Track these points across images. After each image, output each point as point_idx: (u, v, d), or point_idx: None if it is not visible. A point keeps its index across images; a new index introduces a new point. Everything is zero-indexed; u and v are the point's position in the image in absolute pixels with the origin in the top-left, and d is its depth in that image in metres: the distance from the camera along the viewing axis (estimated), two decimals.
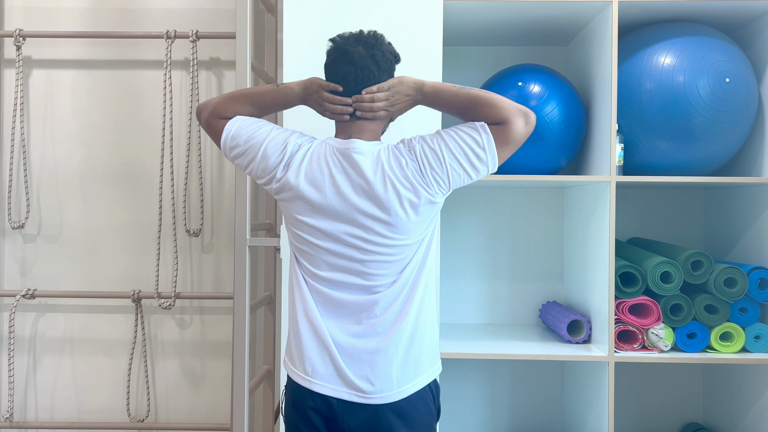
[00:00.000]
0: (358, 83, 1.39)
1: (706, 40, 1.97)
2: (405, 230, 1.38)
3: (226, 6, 2.44)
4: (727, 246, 2.23)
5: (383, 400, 1.37)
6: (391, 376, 1.37)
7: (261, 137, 1.41)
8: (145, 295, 2.38)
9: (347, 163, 1.38)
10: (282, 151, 1.40)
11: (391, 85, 1.41)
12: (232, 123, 1.44)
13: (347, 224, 1.38)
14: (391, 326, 1.39)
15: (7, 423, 2.40)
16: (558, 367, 2.40)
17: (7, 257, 2.48)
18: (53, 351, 2.48)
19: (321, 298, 1.41)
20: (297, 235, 1.42)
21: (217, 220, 2.47)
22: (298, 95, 1.45)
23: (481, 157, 1.38)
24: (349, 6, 1.86)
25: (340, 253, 1.39)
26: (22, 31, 2.36)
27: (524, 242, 2.40)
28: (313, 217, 1.39)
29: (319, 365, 1.39)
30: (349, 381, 1.37)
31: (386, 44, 1.42)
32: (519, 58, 2.38)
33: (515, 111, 1.38)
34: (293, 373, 1.43)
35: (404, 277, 1.40)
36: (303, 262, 1.43)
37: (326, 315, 1.40)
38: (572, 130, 2.04)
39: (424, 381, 1.42)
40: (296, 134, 1.44)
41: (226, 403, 2.47)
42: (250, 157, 1.42)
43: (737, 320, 1.96)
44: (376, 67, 1.39)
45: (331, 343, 1.39)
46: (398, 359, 1.38)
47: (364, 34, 1.41)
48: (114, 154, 2.46)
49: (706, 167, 2.05)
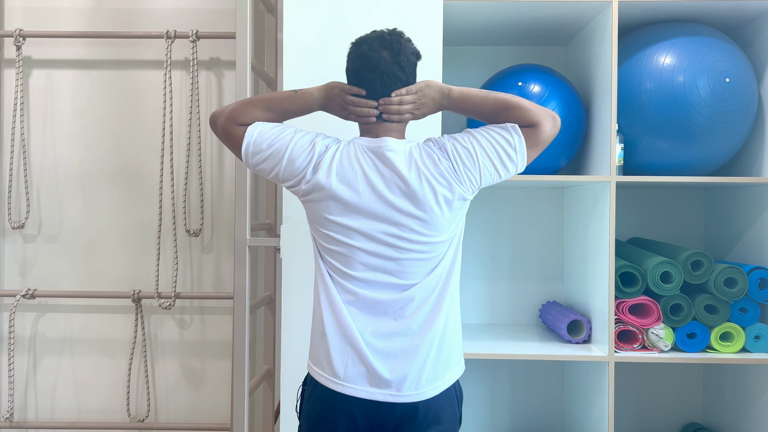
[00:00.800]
0: (385, 88, 1.40)
1: (706, 40, 1.97)
2: (439, 227, 1.39)
3: (226, 6, 2.44)
4: (727, 246, 2.23)
5: (417, 398, 1.36)
6: (424, 374, 1.37)
7: (285, 141, 1.40)
8: (145, 295, 2.38)
9: (380, 161, 1.38)
10: (310, 153, 1.39)
11: (418, 88, 1.42)
12: (252, 128, 1.41)
13: (382, 222, 1.38)
14: (424, 324, 1.39)
15: (7, 423, 2.41)
16: (558, 367, 2.40)
17: (7, 257, 2.48)
18: (53, 351, 2.48)
19: (352, 297, 1.40)
20: (326, 235, 1.41)
21: (217, 220, 2.47)
22: (318, 101, 1.45)
23: (512, 157, 1.40)
24: (350, 6, 1.86)
25: (374, 251, 1.38)
26: (22, 31, 2.36)
27: (524, 242, 2.40)
28: (346, 217, 1.38)
29: (350, 367, 1.37)
30: (383, 380, 1.36)
31: (409, 45, 1.42)
32: (519, 58, 2.38)
33: (544, 114, 1.42)
34: (319, 376, 1.40)
35: (437, 274, 1.40)
36: (333, 262, 1.42)
37: (357, 315, 1.39)
38: (572, 130, 2.04)
39: (452, 378, 1.43)
40: (321, 135, 1.43)
41: (226, 403, 2.47)
42: (275, 161, 1.40)
43: (737, 320, 1.96)
44: (402, 72, 1.40)
45: (362, 343, 1.37)
46: (432, 356, 1.38)
47: (387, 37, 1.40)
48: (114, 154, 2.46)
49: (706, 167, 2.05)
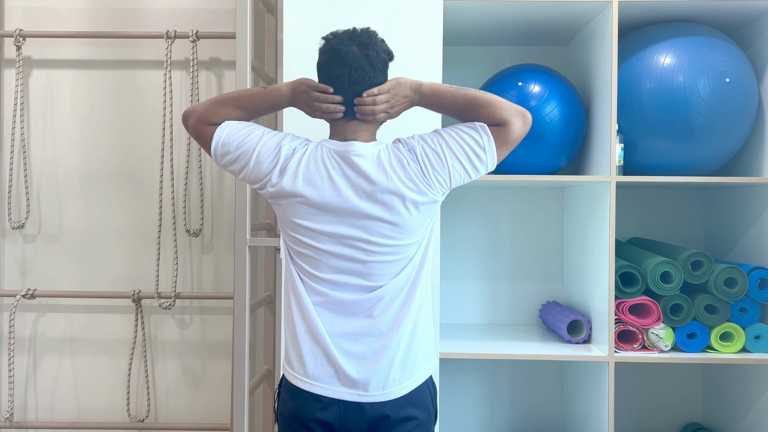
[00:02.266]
0: (353, 84, 1.37)
1: (706, 40, 1.97)
2: (408, 230, 1.38)
3: (226, 6, 2.44)
4: (727, 246, 2.23)
5: (385, 397, 1.37)
6: (392, 374, 1.37)
7: (253, 142, 1.39)
8: (145, 295, 2.38)
9: (347, 166, 1.37)
10: (276, 156, 1.38)
11: (390, 87, 1.40)
12: (221, 129, 1.41)
13: (350, 226, 1.37)
14: (392, 324, 1.39)
15: (7, 423, 2.41)
16: (558, 367, 2.40)
17: (7, 257, 2.48)
18: (53, 351, 2.48)
19: (320, 299, 1.40)
20: (295, 238, 1.41)
21: (217, 220, 2.47)
22: (286, 97, 1.43)
23: (482, 157, 1.39)
24: (349, 6, 1.86)
25: (342, 254, 1.38)
26: (22, 31, 2.36)
27: (524, 242, 2.40)
28: (312, 221, 1.38)
29: (318, 367, 1.38)
30: (351, 381, 1.37)
31: (380, 42, 1.41)
32: (519, 58, 2.38)
33: (514, 112, 1.39)
34: (291, 375, 1.42)
35: (405, 275, 1.40)
36: (301, 264, 1.42)
37: (326, 316, 1.40)
38: (572, 130, 2.04)
39: (423, 377, 1.42)
40: (289, 137, 1.42)
41: (226, 403, 2.47)
42: (243, 163, 1.40)
43: (737, 320, 1.96)
44: (371, 67, 1.37)
45: (330, 344, 1.38)
46: (400, 357, 1.38)
47: (358, 32, 1.38)
48: (114, 154, 2.46)
49: (706, 167, 2.05)
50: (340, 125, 1.42)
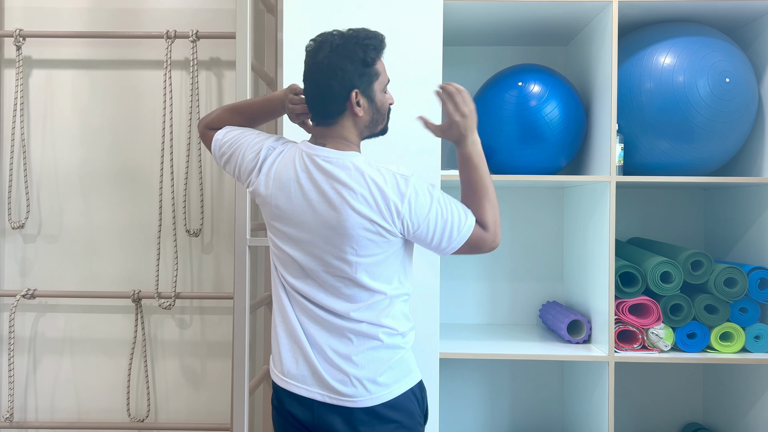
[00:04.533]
0: (310, 91, 1.36)
1: (706, 40, 1.97)
2: (363, 249, 1.33)
3: (226, 6, 2.44)
4: (727, 246, 2.23)
5: (358, 404, 1.35)
6: (364, 383, 1.36)
7: (242, 144, 1.44)
8: (145, 295, 2.38)
9: (315, 169, 1.34)
10: (256, 156, 1.42)
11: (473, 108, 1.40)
12: (220, 132, 1.50)
13: (309, 233, 1.35)
14: (366, 330, 1.37)
15: (7, 423, 2.40)
16: (558, 367, 2.40)
17: (7, 257, 2.48)
18: (53, 351, 2.48)
19: (295, 301, 1.41)
20: (271, 238, 1.45)
21: (217, 220, 2.47)
22: (280, 102, 1.49)
23: (453, 236, 1.36)
24: (349, 6, 1.86)
25: (304, 262, 1.37)
26: (22, 31, 2.35)
27: (524, 242, 2.40)
28: (281, 223, 1.39)
29: (295, 366, 1.40)
30: (325, 383, 1.37)
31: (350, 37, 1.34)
32: (519, 58, 2.38)
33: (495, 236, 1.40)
34: (273, 374, 1.45)
35: (377, 287, 1.37)
36: (277, 264, 1.44)
37: (303, 317, 1.40)
38: (572, 130, 2.04)
39: (402, 388, 1.39)
40: (273, 138, 1.44)
41: (226, 403, 2.47)
42: (233, 164, 1.46)
43: (737, 320, 1.96)
44: (320, 74, 1.33)
45: (306, 344, 1.39)
46: (372, 367, 1.36)
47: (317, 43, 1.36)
48: (114, 154, 2.46)
49: (706, 167, 2.05)
50: (316, 129, 1.41)
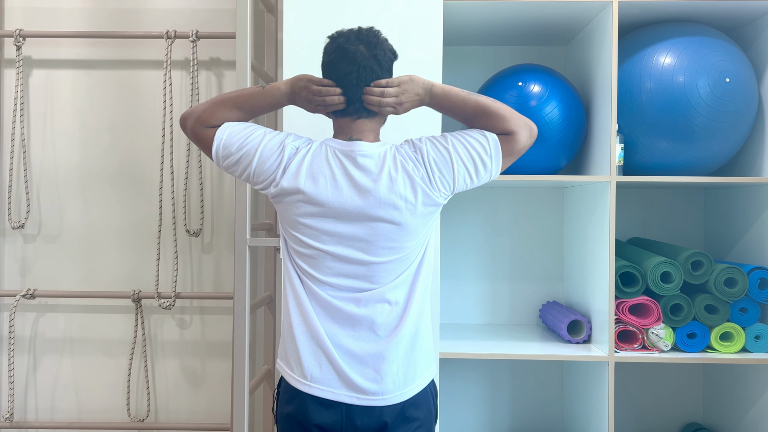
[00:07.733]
0: (360, 82, 1.36)
1: (706, 40, 1.97)
2: (409, 233, 1.37)
3: (226, 6, 2.44)
4: (727, 246, 2.23)
5: (387, 402, 1.36)
6: (394, 378, 1.36)
7: (255, 143, 1.38)
8: (145, 295, 2.38)
9: (352, 166, 1.36)
10: (279, 155, 1.37)
11: (401, 81, 1.39)
12: (221, 131, 1.39)
13: (352, 227, 1.36)
14: (393, 328, 1.38)
15: (7, 423, 2.40)
16: (558, 367, 2.40)
17: (7, 257, 2.48)
18: (53, 351, 2.48)
19: (320, 300, 1.39)
20: (296, 237, 1.40)
21: (217, 220, 2.47)
22: (285, 94, 1.41)
23: (486, 164, 1.39)
24: (349, 6, 1.86)
25: (343, 256, 1.37)
26: (22, 31, 2.35)
27: (524, 242, 2.40)
28: (315, 220, 1.37)
29: (318, 369, 1.37)
30: (352, 384, 1.36)
31: (385, 41, 1.40)
32: (519, 58, 2.38)
33: (522, 124, 1.40)
34: (290, 377, 1.41)
35: (406, 279, 1.40)
36: (302, 264, 1.41)
37: (326, 318, 1.38)
38: (572, 130, 2.04)
39: (425, 382, 1.42)
40: (291, 136, 1.41)
41: (226, 403, 2.47)
42: (245, 164, 1.38)
43: (737, 320, 1.96)
44: (378, 66, 1.37)
45: (330, 346, 1.37)
46: (400, 361, 1.37)
47: (364, 32, 1.38)
48: (114, 154, 2.46)
49: (706, 167, 2.05)
50: (345, 124, 1.41)
